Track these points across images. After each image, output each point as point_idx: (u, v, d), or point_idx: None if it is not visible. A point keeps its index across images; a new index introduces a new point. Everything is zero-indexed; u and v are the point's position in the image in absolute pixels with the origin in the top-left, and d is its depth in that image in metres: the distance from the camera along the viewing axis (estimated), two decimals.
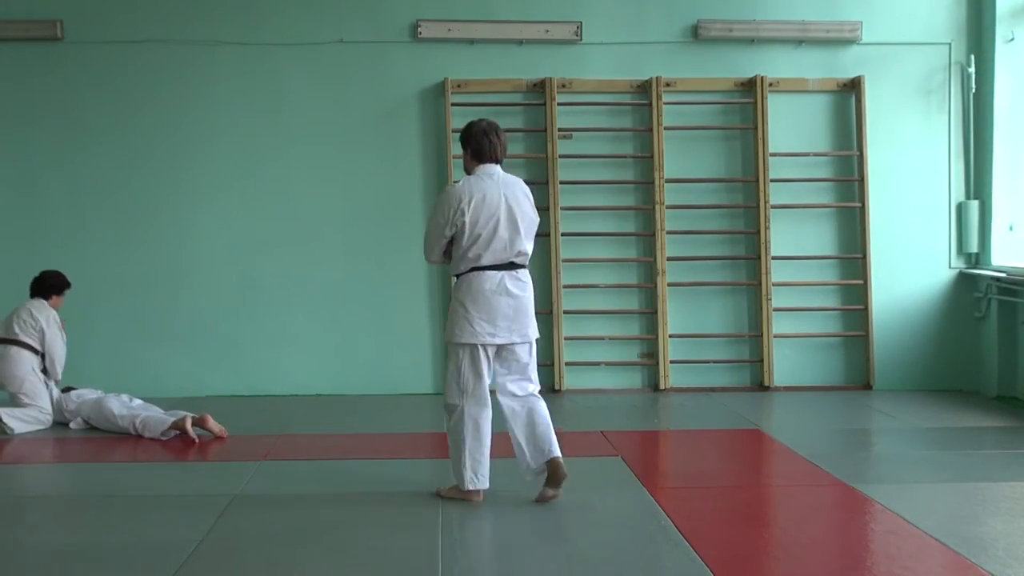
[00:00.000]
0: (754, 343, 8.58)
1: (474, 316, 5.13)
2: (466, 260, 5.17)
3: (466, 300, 5.15)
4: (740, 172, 8.59)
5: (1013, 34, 8.33)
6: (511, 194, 5.21)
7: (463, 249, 5.15)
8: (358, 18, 8.40)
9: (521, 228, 5.19)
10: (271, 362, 8.38)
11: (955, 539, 4.58)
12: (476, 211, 5.11)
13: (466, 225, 5.11)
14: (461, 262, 5.19)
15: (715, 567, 4.27)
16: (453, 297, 5.25)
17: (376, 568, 4.38)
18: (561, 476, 5.22)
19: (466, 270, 5.18)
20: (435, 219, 5.19)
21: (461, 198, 5.13)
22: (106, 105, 8.31)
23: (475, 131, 5.28)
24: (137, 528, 4.94)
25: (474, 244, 5.13)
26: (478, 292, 5.14)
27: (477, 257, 5.15)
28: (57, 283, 7.47)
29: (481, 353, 5.17)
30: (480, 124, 5.32)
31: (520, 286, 5.22)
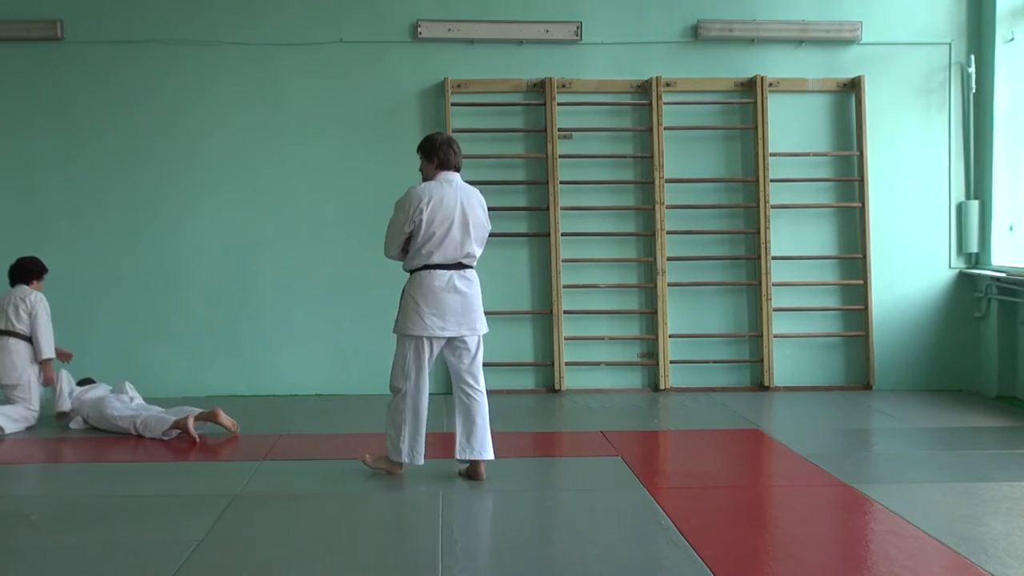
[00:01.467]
0: (754, 343, 8.58)
1: (424, 311, 5.56)
2: (419, 257, 5.58)
3: (417, 295, 5.58)
4: (740, 172, 8.59)
5: (1013, 34, 8.33)
6: (467, 201, 5.67)
7: (417, 246, 5.57)
8: (358, 18, 8.40)
9: (472, 232, 5.64)
10: (271, 362, 8.38)
11: (955, 539, 4.58)
12: (433, 212, 5.54)
13: (423, 224, 5.53)
14: (415, 259, 5.60)
15: (715, 567, 4.27)
16: (405, 292, 5.64)
17: (376, 568, 4.38)
18: (479, 478, 5.70)
19: (419, 267, 5.60)
20: (396, 217, 5.62)
21: (421, 198, 5.57)
22: (106, 105, 8.31)
23: (439, 143, 5.77)
24: (137, 528, 4.93)
25: (428, 242, 5.55)
26: (428, 288, 5.57)
27: (429, 255, 5.56)
28: (36, 268, 7.47)
29: (426, 345, 5.62)
30: (441, 136, 5.84)
31: (468, 284, 5.66)
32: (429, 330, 5.57)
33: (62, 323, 8.08)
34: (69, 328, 7.93)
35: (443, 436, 7.06)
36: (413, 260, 5.62)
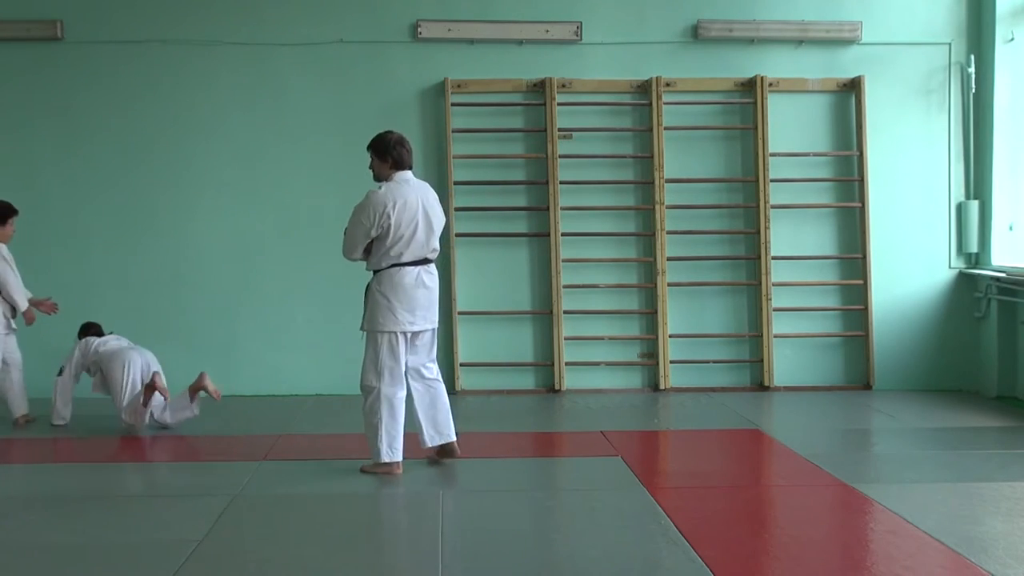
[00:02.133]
0: (754, 343, 8.58)
1: (396, 306, 5.71)
2: (388, 257, 5.72)
3: (388, 292, 5.72)
4: (740, 172, 8.59)
5: (1013, 34, 8.33)
6: (425, 197, 5.82)
7: (386, 248, 5.70)
8: (358, 18, 8.40)
9: (435, 229, 5.83)
10: (271, 362, 8.38)
11: (955, 539, 4.58)
12: (399, 214, 5.68)
13: (391, 227, 5.67)
14: (383, 259, 5.74)
15: (715, 567, 4.27)
16: (373, 290, 5.76)
17: (376, 568, 4.38)
18: (455, 455, 6.01)
19: (387, 266, 5.73)
20: (359, 221, 5.70)
21: (387, 203, 5.68)
22: (106, 105, 8.31)
23: (393, 142, 5.85)
24: (137, 528, 4.94)
25: (397, 243, 5.70)
26: (399, 285, 5.72)
27: (399, 255, 5.72)
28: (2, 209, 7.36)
29: (400, 340, 5.74)
30: (394, 135, 5.90)
31: (432, 279, 5.86)
32: (402, 325, 5.72)
33: (62, 323, 8.09)
34: (69, 328, 7.92)
35: None
36: (381, 260, 5.74)
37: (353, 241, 5.75)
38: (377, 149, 5.86)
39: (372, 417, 5.76)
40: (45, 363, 8.16)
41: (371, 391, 5.75)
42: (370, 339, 5.77)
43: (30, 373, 7.85)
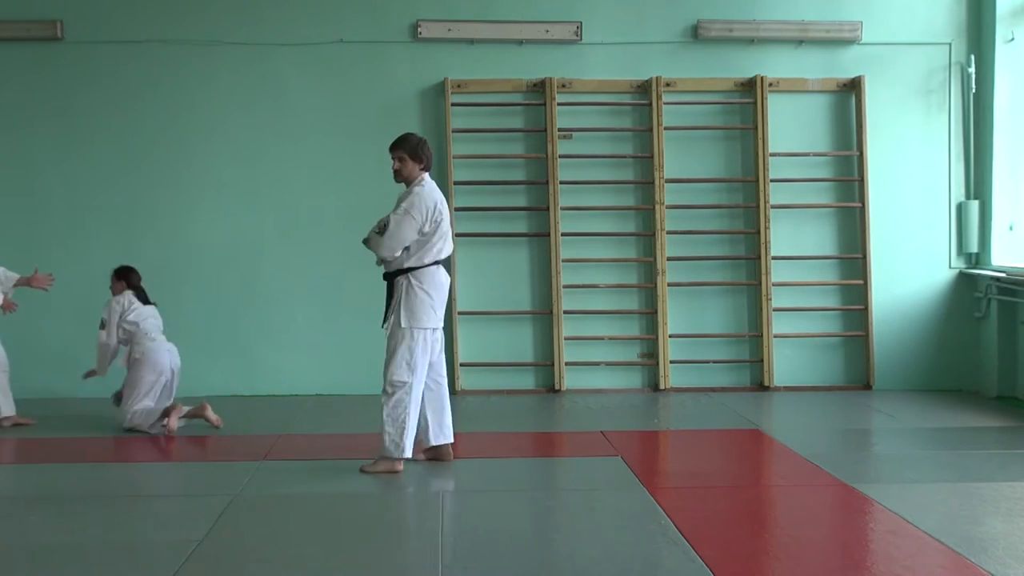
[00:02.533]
0: (754, 343, 8.58)
1: (435, 303, 5.79)
2: (431, 254, 5.78)
3: (430, 289, 5.77)
4: (740, 172, 8.59)
5: (1013, 34, 8.32)
6: (442, 199, 5.90)
7: (431, 245, 5.76)
8: (358, 18, 8.40)
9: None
10: (271, 362, 8.38)
11: (955, 539, 4.58)
12: (442, 212, 5.79)
13: (441, 224, 5.77)
14: (426, 256, 5.78)
15: (715, 567, 4.27)
16: (415, 287, 5.75)
17: (376, 568, 4.38)
18: (449, 458, 6.04)
19: (430, 263, 5.78)
20: (411, 217, 5.71)
21: (436, 200, 5.79)
22: (106, 105, 8.31)
23: (423, 143, 5.89)
24: (137, 528, 4.93)
25: (439, 240, 5.79)
26: (439, 283, 5.82)
27: (439, 252, 5.80)
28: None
29: (431, 336, 5.81)
30: (420, 137, 5.95)
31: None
32: (436, 321, 5.81)
33: (62, 323, 8.11)
34: (69, 328, 7.94)
35: None
36: (423, 257, 5.76)
37: (401, 237, 5.71)
38: (411, 151, 5.84)
39: (399, 412, 5.73)
40: (46, 363, 8.18)
41: (402, 386, 5.73)
42: (405, 335, 5.74)
43: (30, 373, 7.86)
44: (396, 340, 5.77)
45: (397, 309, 5.77)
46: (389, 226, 5.74)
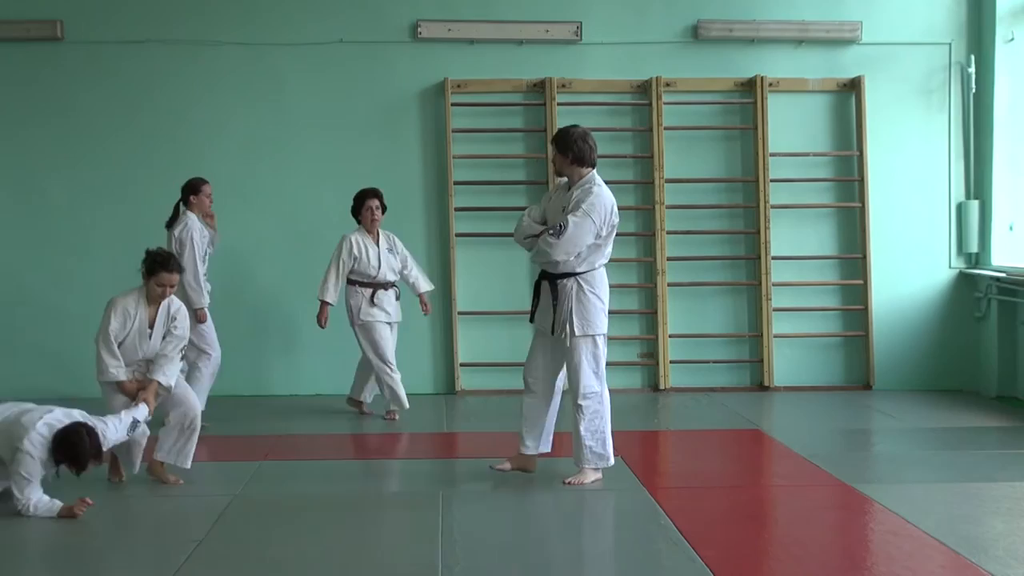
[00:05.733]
0: (754, 343, 8.58)
1: (606, 308, 5.63)
2: (602, 257, 5.58)
3: (601, 294, 5.59)
4: (740, 172, 8.59)
5: (1013, 34, 8.32)
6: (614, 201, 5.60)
7: (604, 248, 5.55)
8: (358, 18, 8.40)
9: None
10: (271, 362, 8.38)
11: (955, 539, 4.58)
12: (617, 214, 5.55)
13: (614, 227, 5.53)
14: (598, 259, 5.56)
15: (715, 567, 4.27)
16: (584, 292, 5.52)
17: (376, 569, 4.38)
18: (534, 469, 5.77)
19: (599, 266, 5.58)
20: (590, 220, 5.39)
21: (613, 202, 5.51)
22: (106, 105, 8.31)
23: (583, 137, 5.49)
24: (137, 528, 4.93)
25: (610, 242, 5.58)
26: (607, 287, 5.65)
27: (608, 255, 5.62)
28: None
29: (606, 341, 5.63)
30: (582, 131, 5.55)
31: None
32: (607, 326, 5.66)
33: (62, 323, 8.11)
34: (69, 328, 7.93)
35: (444, 436, 7.08)
36: (595, 260, 5.55)
37: (580, 241, 5.40)
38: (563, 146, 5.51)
39: (597, 423, 5.55)
40: (46, 363, 8.18)
41: (594, 396, 5.55)
42: (584, 344, 5.53)
43: (31, 373, 7.87)
44: (578, 350, 5.52)
45: (569, 316, 5.50)
46: (567, 228, 5.37)
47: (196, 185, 7.27)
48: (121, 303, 5.62)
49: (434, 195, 8.48)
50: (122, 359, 5.52)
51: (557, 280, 5.52)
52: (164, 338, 5.62)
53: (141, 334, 5.56)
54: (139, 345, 5.56)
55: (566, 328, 5.49)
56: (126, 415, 5.34)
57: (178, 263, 5.78)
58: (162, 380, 5.52)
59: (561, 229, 5.39)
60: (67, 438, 4.96)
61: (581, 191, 5.46)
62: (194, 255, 7.09)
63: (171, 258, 5.73)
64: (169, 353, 5.57)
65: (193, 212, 7.23)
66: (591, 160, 5.52)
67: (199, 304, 7.13)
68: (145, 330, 5.58)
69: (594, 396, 5.54)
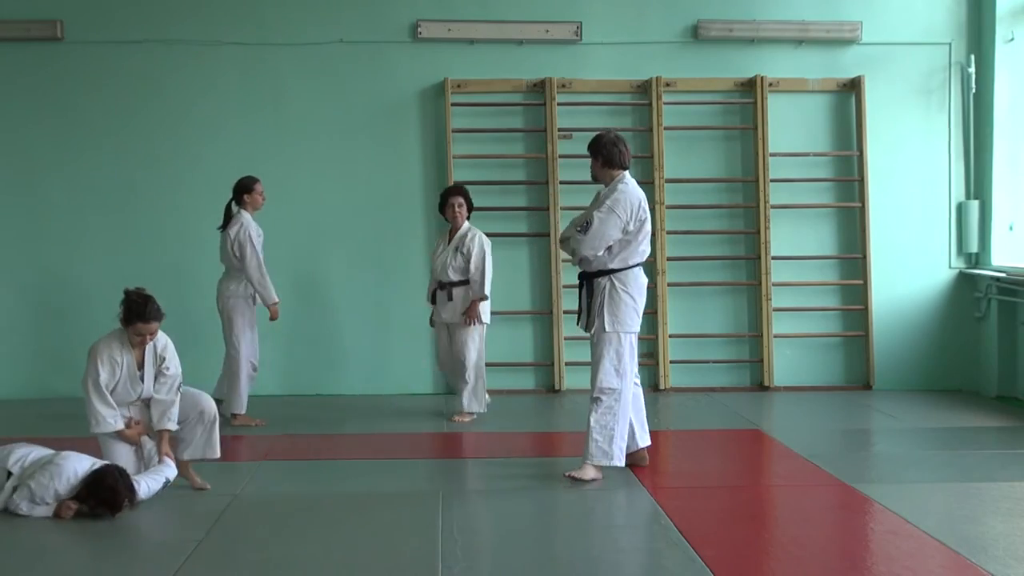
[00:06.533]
0: (754, 343, 8.58)
1: (639, 307, 5.65)
2: (636, 255, 5.63)
3: (634, 292, 5.62)
4: (740, 172, 8.59)
5: (1013, 34, 8.32)
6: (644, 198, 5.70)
7: (635, 245, 5.60)
8: (358, 18, 8.40)
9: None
10: (271, 362, 8.37)
11: (955, 539, 4.58)
12: (646, 210, 5.62)
13: (645, 222, 5.59)
14: (631, 257, 5.62)
15: (715, 567, 4.27)
16: (618, 290, 5.59)
17: (376, 568, 4.38)
18: (646, 462, 5.89)
19: (634, 264, 5.63)
20: (615, 215, 5.52)
21: (640, 197, 5.62)
22: (106, 105, 8.31)
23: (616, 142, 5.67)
24: (137, 528, 4.93)
25: (644, 240, 5.63)
26: (642, 286, 5.67)
27: (643, 253, 5.67)
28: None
29: (635, 340, 5.69)
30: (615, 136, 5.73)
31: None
32: (639, 325, 5.69)
33: (62, 323, 8.11)
34: (69, 329, 7.93)
35: (444, 436, 7.08)
36: (628, 258, 5.61)
37: (605, 235, 5.52)
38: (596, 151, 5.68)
39: (609, 419, 5.58)
40: (46, 363, 8.19)
41: (612, 393, 5.59)
42: (610, 340, 5.58)
43: (30, 373, 7.87)
44: (602, 345, 5.60)
45: (600, 312, 5.59)
46: (592, 224, 5.52)
47: (248, 184, 7.32)
48: (105, 350, 5.37)
49: (434, 195, 8.45)
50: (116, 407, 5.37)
51: (593, 279, 5.65)
52: (157, 379, 5.44)
53: (132, 378, 5.39)
54: (131, 389, 5.40)
55: (596, 324, 5.60)
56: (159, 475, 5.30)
57: (156, 310, 5.39)
58: (170, 427, 5.41)
59: (587, 225, 5.55)
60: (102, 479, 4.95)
61: (608, 190, 5.65)
62: (256, 254, 7.18)
63: (147, 306, 5.36)
64: (167, 397, 5.42)
65: (247, 211, 7.23)
66: (620, 162, 5.68)
67: (270, 301, 7.24)
68: (135, 373, 5.39)
69: (610, 393, 5.59)
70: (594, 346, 5.66)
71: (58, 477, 4.98)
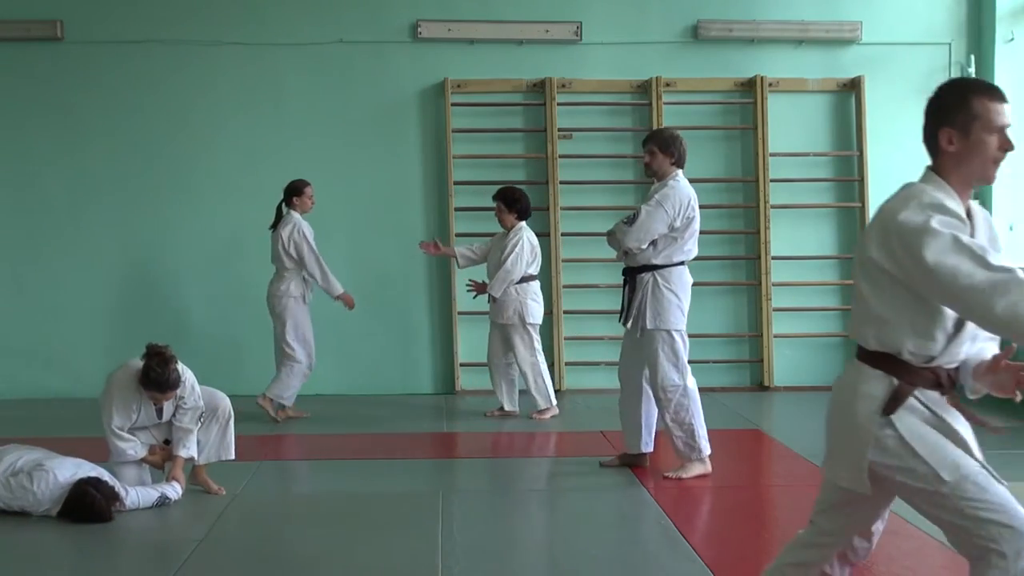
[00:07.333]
0: (754, 343, 8.58)
1: (684, 304, 5.65)
2: (681, 253, 5.63)
3: (678, 290, 5.62)
4: (740, 172, 8.59)
5: (1013, 34, 8.33)
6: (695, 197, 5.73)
7: (681, 243, 5.60)
8: (358, 18, 8.40)
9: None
10: (271, 362, 8.36)
11: None
12: (695, 209, 5.61)
13: (692, 220, 5.57)
14: (676, 254, 5.61)
15: (715, 567, 4.27)
16: (659, 286, 5.59)
17: (376, 568, 4.38)
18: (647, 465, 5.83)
19: (678, 262, 5.63)
20: (662, 210, 5.51)
21: (690, 196, 5.61)
22: (106, 105, 8.31)
23: (677, 139, 5.67)
24: (137, 528, 4.93)
25: (690, 239, 5.63)
26: (687, 283, 5.67)
27: (689, 252, 5.67)
28: None
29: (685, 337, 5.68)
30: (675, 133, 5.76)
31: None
32: (685, 322, 5.68)
33: (61, 324, 8.11)
34: (68, 329, 7.93)
35: (444, 436, 7.08)
36: (672, 255, 5.61)
37: (651, 229, 5.50)
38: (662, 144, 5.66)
39: (683, 415, 5.60)
40: (46, 363, 8.18)
41: (677, 389, 5.58)
42: (659, 338, 5.57)
43: (30, 372, 7.87)
44: (654, 344, 5.58)
45: (643, 309, 5.58)
46: (639, 216, 5.51)
47: (299, 187, 7.40)
48: (119, 395, 5.23)
49: (434, 195, 8.48)
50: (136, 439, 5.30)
51: (636, 274, 5.62)
52: (177, 410, 5.31)
53: (150, 419, 5.31)
54: (151, 430, 5.36)
55: (639, 321, 5.57)
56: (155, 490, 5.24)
57: (175, 380, 5.16)
58: (183, 454, 5.32)
59: (634, 217, 5.54)
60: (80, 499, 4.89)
61: (659, 185, 5.65)
62: (313, 250, 7.25)
63: (166, 378, 5.11)
64: (186, 425, 5.32)
65: (296, 212, 7.31)
66: (680, 160, 5.69)
67: (335, 293, 7.36)
68: (153, 416, 5.31)
69: (675, 389, 5.58)
70: (643, 346, 5.61)
71: (39, 482, 4.95)
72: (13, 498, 4.96)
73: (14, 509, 4.97)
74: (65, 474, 5.01)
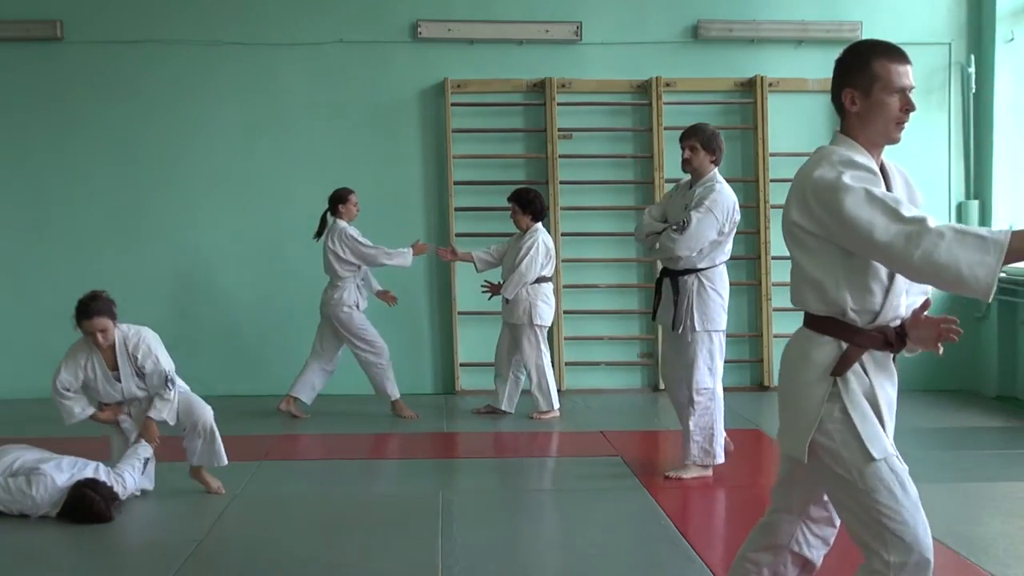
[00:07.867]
0: (754, 343, 8.58)
1: (725, 304, 5.62)
2: (723, 254, 5.62)
3: (721, 290, 5.59)
4: (740, 172, 8.59)
5: (1013, 34, 8.32)
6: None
7: (724, 245, 5.59)
8: (358, 18, 8.40)
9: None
10: (271, 362, 8.37)
11: (955, 539, 4.58)
12: (738, 211, 5.62)
13: (736, 223, 5.59)
14: (719, 256, 5.60)
15: (715, 567, 4.27)
16: (704, 288, 5.55)
17: (376, 568, 4.38)
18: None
19: (720, 263, 5.61)
20: (713, 216, 5.46)
21: (734, 199, 5.58)
22: (106, 105, 8.31)
23: (717, 136, 5.65)
24: (137, 528, 4.94)
25: (730, 239, 5.63)
26: (727, 282, 5.66)
27: (728, 251, 5.67)
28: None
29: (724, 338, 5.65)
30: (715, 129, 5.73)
31: None
32: (725, 322, 5.63)
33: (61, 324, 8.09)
34: (68, 329, 7.91)
35: (444, 436, 7.08)
36: (716, 257, 5.59)
37: (702, 236, 5.44)
38: (704, 141, 5.60)
39: (706, 420, 5.56)
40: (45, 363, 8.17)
41: (707, 392, 5.55)
42: (701, 340, 5.53)
43: (29, 373, 7.86)
44: (695, 345, 5.53)
45: (690, 312, 5.53)
46: (691, 224, 5.43)
47: (344, 195, 7.43)
48: (71, 353, 5.41)
49: (434, 195, 8.48)
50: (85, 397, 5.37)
51: (679, 276, 5.57)
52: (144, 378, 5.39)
53: (106, 379, 5.37)
54: (111, 389, 5.39)
55: (686, 323, 5.53)
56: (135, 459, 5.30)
57: (99, 307, 5.40)
58: (153, 416, 5.37)
59: (685, 225, 5.45)
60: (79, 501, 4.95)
61: (704, 188, 5.55)
62: (366, 243, 7.29)
63: (90, 303, 5.36)
64: (155, 389, 5.39)
65: (342, 220, 7.36)
66: (719, 158, 5.65)
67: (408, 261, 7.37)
68: (107, 373, 5.36)
69: (706, 392, 5.56)
70: (686, 347, 5.57)
71: (37, 486, 4.98)
72: (12, 500, 4.98)
73: (13, 512, 4.97)
74: (63, 477, 5.03)
